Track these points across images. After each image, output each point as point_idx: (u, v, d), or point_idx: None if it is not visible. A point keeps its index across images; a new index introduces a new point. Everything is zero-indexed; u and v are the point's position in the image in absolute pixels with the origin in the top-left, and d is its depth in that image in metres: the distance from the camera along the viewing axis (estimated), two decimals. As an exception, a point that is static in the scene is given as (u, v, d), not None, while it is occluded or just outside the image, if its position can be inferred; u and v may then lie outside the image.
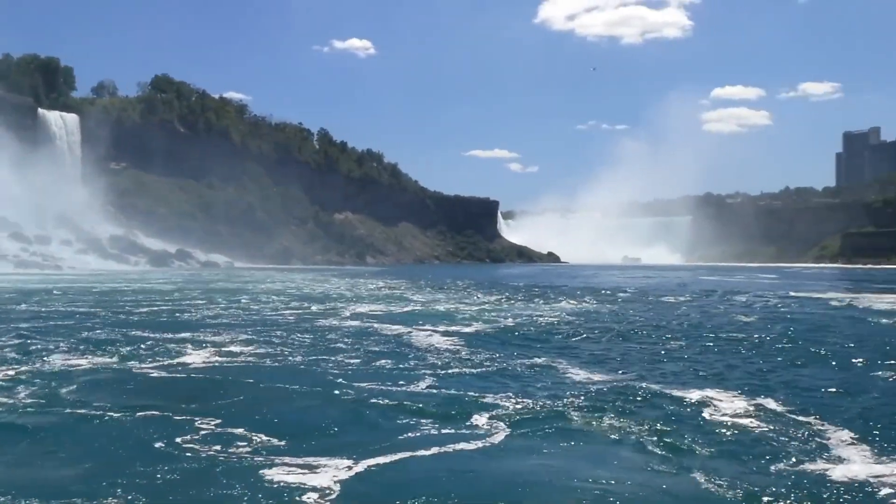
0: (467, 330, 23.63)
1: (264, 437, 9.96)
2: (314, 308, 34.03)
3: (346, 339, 21.07)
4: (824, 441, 10.08)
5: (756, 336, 22.45)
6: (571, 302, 38.88)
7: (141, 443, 9.67)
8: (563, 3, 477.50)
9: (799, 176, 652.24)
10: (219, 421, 10.72)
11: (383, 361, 16.83)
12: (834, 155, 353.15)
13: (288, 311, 31.75)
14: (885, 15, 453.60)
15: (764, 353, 18.96)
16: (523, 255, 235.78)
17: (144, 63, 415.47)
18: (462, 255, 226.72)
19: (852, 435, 10.35)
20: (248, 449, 9.50)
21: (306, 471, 8.65)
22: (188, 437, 9.92)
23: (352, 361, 16.93)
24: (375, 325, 24.82)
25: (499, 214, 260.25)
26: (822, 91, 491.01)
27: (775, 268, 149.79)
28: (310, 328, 24.32)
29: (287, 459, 9.05)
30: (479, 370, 15.71)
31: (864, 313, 32.06)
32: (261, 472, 8.64)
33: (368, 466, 8.88)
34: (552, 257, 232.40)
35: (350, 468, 8.82)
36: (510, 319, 27.86)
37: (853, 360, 17.68)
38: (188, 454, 9.29)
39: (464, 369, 15.71)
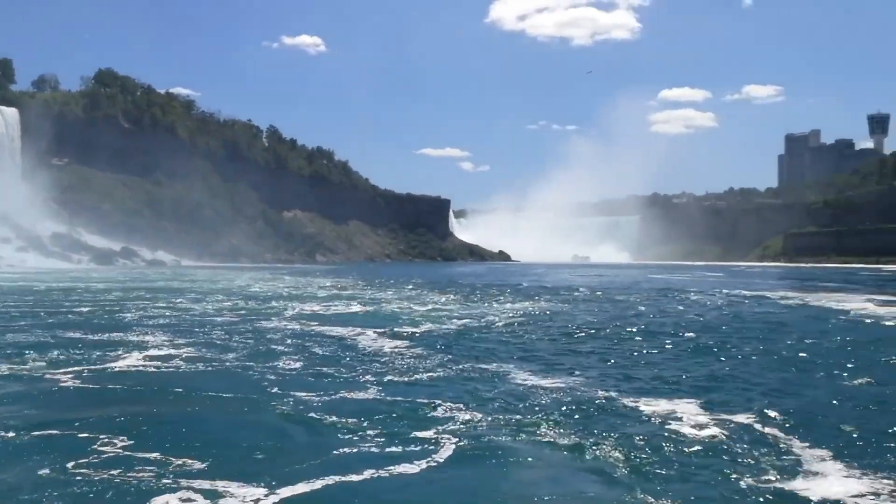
0: (417, 332, 22.42)
1: (175, 458, 8.59)
2: (258, 308, 32.52)
3: (288, 342, 19.73)
4: (795, 454, 9.18)
5: (715, 337, 21.75)
6: (524, 302, 37.96)
7: (25, 469, 8.22)
8: (513, 3, 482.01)
9: (743, 177, 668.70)
10: (127, 439, 9.32)
11: (324, 367, 15.55)
12: (776, 156, 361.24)
13: (230, 312, 30.22)
14: (825, 21, 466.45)
15: (724, 355, 18.19)
16: (475, 253, 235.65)
17: (88, 57, 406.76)
18: (413, 254, 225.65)
19: (824, 447, 9.47)
20: (153, 473, 8.12)
21: (211, 501, 7.40)
22: (85, 459, 8.49)
23: (291, 367, 15.63)
24: (320, 327, 23.46)
25: (450, 213, 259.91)
26: (765, 94, 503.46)
27: (721, 266, 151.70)
28: (251, 330, 22.92)
29: (195, 484, 7.75)
30: (427, 377, 14.54)
31: (824, 313, 31.71)
32: (154, 501, 7.36)
33: (288, 496, 7.65)
34: (503, 256, 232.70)
35: (266, 496, 7.59)
36: (462, 320, 26.77)
37: (815, 363, 16.98)
38: (77, 480, 7.90)
39: (411, 376, 14.52)
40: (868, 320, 27.34)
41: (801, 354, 18.18)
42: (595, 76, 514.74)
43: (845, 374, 15.25)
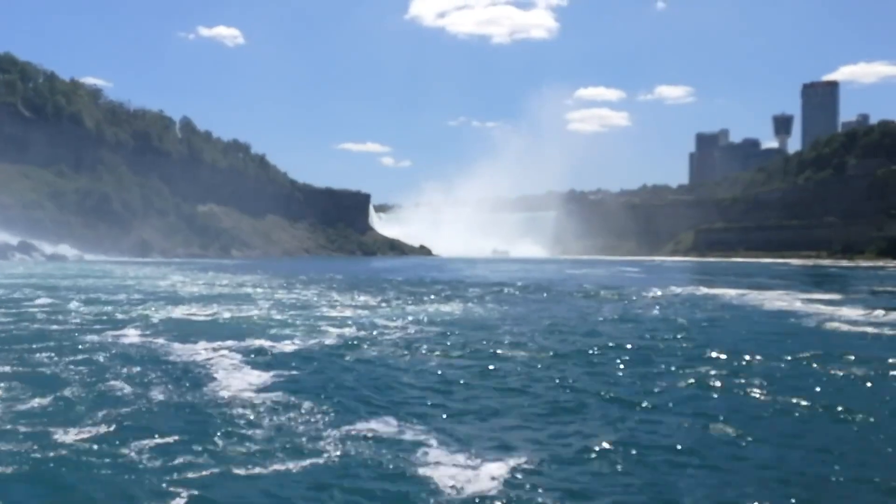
0: (288, 350, 16.81)
1: None
2: (118, 313, 26.32)
3: (119, 367, 13.95)
4: None
5: (662, 345, 17.07)
6: (439, 304, 32.72)
7: None
8: (433, 0, 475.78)
9: (656, 174, 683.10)
10: None
11: (127, 424, 9.96)
12: (687, 154, 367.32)
13: (83, 317, 24.11)
14: (733, 25, 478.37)
15: (679, 370, 13.38)
16: (395, 248, 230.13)
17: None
18: (332, 248, 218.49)
19: None
20: None
21: None
22: None
23: (90, 419, 10.01)
24: (167, 344, 17.37)
25: (370, 207, 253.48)
26: (676, 94, 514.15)
27: (636, 261, 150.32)
28: (88, 344, 17.03)
29: None
30: (271, 447, 9.06)
31: (770, 315, 27.54)
32: None
33: None
34: (424, 250, 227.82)
35: None
36: (353, 328, 21.35)
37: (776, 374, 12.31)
38: None
39: (247, 446, 9.02)
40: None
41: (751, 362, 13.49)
42: (514, 74, 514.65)
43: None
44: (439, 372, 14.16)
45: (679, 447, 8.99)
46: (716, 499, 7.46)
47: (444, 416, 10.54)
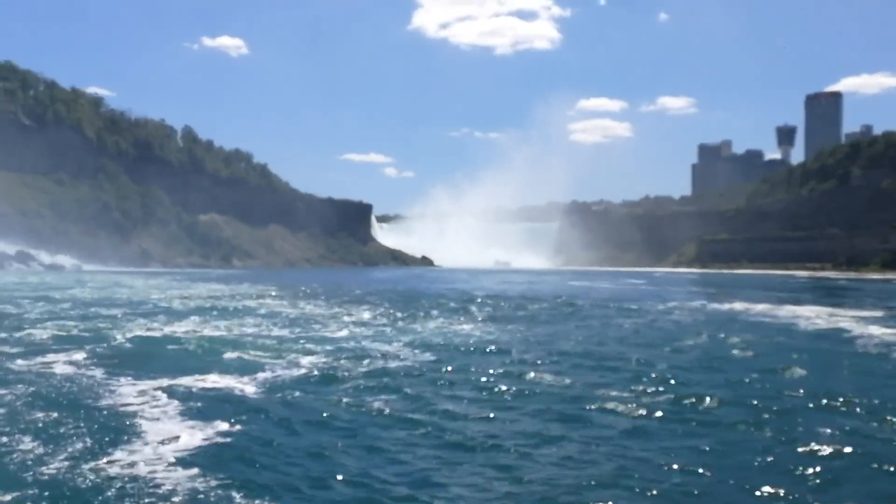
0: (243, 388, 13.48)
1: None
2: (76, 329, 23.12)
3: (15, 412, 10.73)
4: None
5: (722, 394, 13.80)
6: (439, 322, 29.43)
7: None
8: (436, 11, 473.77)
9: (658, 185, 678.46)
10: None
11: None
12: (690, 165, 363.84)
13: (32, 336, 20.93)
14: (736, 36, 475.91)
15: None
16: (397, 258, 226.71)
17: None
18: (334, 259, 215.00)
19: None
20: None
21: None
22: None
23: None
24: (110, 380, 14.06)
25: (372, 218, 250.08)
26: (678, 105, 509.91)
27: (639, 272, 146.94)
28: (21, 372, 13.86)
29: None
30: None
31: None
32: None
33: None
34: (426, 261, 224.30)
35: None
36: (331, 356, 18.12)
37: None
38: None
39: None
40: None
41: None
42: (516, 85, 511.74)
43: None
44: (422, 436, 10.32)
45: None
46: None
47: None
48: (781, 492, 7.74)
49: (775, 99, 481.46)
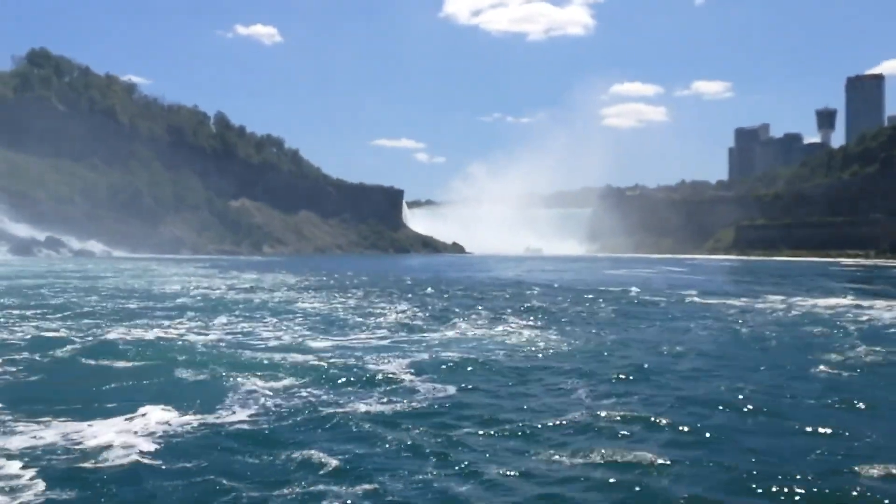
0: (189, 426, 9.80)
1: None
2: (64, 329, 19.77)
3: None
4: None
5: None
6: (467, 326, 25.58)
7: None
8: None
9: (694, 170, 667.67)
10: None
11: None
12: (726, 150, 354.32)
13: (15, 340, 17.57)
14: (773, 19, 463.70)
15: None
16: (428, 245, 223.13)
17: (25, 36, 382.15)
18: (365, 245, 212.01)
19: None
20: None
21: None
22: None
23: None
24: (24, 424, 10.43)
25: (403, 204, 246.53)
26: (714, 90, 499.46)
27: (677, 259, 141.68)
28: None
29: None
30: None
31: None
32: None
33: None
34: (457, 248, 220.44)
35: None
36: (310, 376, 14.42)
37: None
38: None
39: None
40: None
41: None
42: (549, 70, 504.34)
43: None
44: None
45: None
46: None
47: None
48: None
49: (814, 82, 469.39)
